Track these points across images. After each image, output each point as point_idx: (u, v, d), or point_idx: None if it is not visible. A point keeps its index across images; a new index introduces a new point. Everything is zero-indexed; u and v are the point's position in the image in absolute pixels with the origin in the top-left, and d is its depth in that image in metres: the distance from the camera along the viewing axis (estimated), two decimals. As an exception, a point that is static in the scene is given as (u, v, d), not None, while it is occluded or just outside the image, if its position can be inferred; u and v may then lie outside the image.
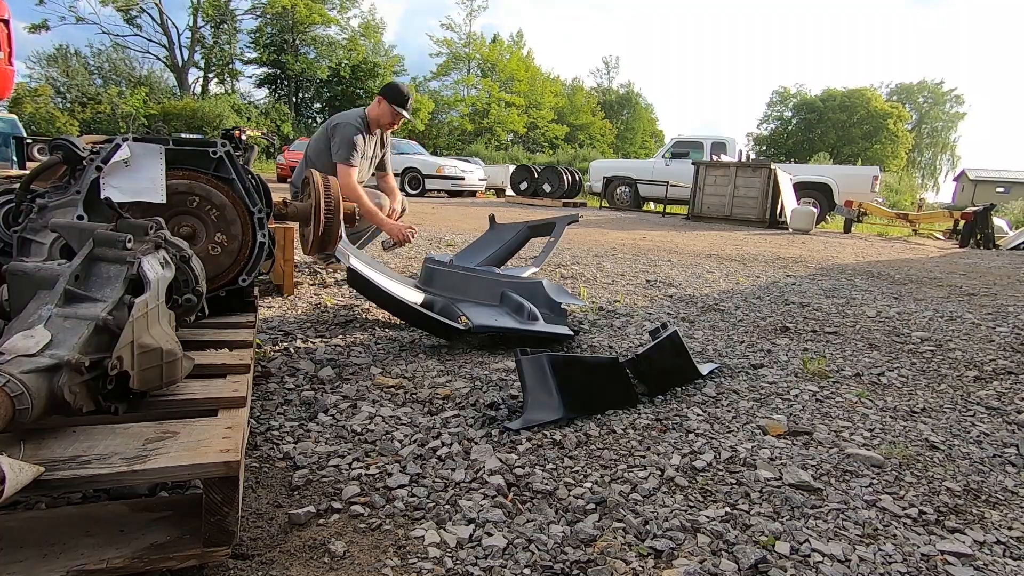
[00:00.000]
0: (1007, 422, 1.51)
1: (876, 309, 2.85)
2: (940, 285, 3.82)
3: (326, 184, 1.99)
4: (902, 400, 1.64)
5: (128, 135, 1.31)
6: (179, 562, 0.77)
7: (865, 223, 10.37)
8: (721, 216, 9.93)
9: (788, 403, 1.57)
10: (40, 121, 23.13)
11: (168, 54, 31.87)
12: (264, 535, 0.92)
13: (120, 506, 0.88)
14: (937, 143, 45.02)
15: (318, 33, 33.20)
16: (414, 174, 13.35)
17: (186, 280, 1.05)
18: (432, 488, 1.08)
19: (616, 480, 1.14)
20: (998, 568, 0.91)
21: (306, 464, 1.14)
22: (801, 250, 5.89)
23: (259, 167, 18.44)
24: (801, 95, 43.46)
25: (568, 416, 1.37)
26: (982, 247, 8.20)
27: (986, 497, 1.14)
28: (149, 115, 26.05)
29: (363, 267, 1.93)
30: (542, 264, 3.12)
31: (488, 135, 34.80)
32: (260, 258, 1.50)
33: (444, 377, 1.65)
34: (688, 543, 0.94)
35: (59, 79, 27.34)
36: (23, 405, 0.70)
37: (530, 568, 0.87)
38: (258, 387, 1.51)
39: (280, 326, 2.08)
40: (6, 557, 0.73)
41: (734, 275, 3.91)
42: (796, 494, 1.10)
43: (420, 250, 4.19)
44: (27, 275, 0.89)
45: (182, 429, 0.86)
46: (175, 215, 1.39)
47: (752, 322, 2.50)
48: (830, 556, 0.92)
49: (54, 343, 0.78)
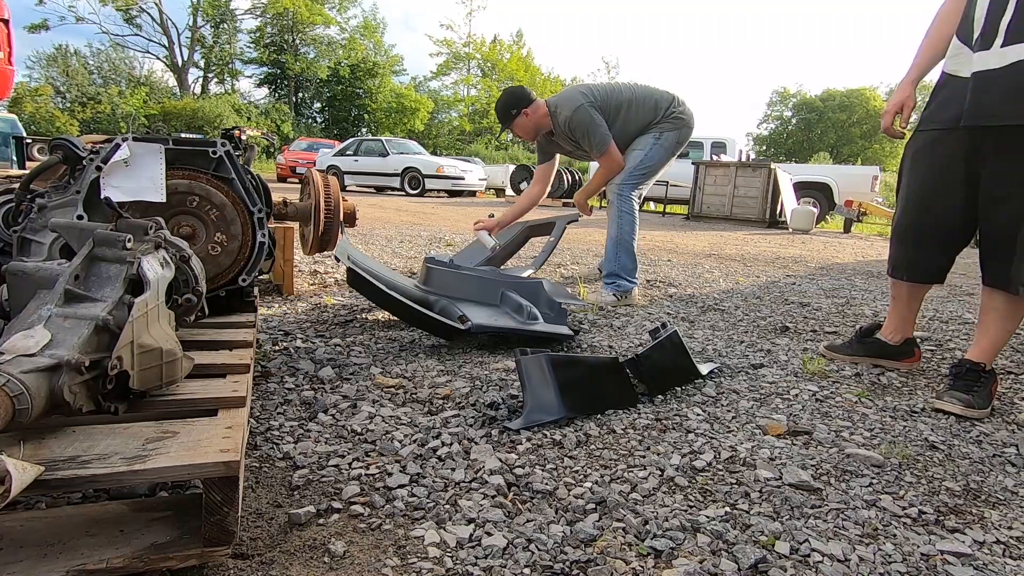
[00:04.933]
0: (1007, 422, 1.51)
1: (876, 309, 2.85)
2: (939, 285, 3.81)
3: (326, 184, 1.99)
4: (902, 400, 1.64)
5: (128, 135, 1.31)
6: (179, 562, 0.77)
7: (865, 223, 10.37)
8: (721, 216, 9.93)
9: (788, 403, 1.57)
10: (40, 121, 23.15)
11: (168, 54, 31.92)
12: (264, 535, 0.92)
13: (120, 506, 0.88)
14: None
15: (318, 33, 33.22)
16: (414, 174, 13.36)
17: (186, 280, 1.05)
18: (432, 488, 1.08)
19: (616, 480, 1.14)
20: (998, 568, 0.91)
21: (306, 464, 1.14)
22: (801, 250, 5.89)
23: (259, 167, 18.44)
24: (801, 95, 43.46)
25: (568, 416, 1.37)
26: (982, 247, 8.18)
27: (986, 497, 1.14)
28: (149, 115, 26.07)
29: (363, 267, 1.93)
30: (542, 264, 3.12)
31: (488, 135, 34.81)
32: (260, 258, 1.50)
33: (444, 377, 1.65)
34: (688, 543, 0.94)
35: (59, 79, 27.35)
36: (23, 405, 0.70)
37: (530, 568, 0.87)
38: (258, 387, 1.51)
39: (280, 326, 2.08)
40: (6, 557, 0.73)
41: (734, 275, 3.91)
42: (796, 494, 1.10)
43: (420, 250, 4.19)
44: (27, 275, 0.89)
45: (182, 429, 0.86)
46: (175, 215, 1.39)
47: (752, 322, 2.50)
48: (830, 556, 0.92)
49: (54, 343, 0.78)
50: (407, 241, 4.73)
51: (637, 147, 2.79)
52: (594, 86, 2.83)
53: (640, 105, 2.79)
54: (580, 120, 2.70)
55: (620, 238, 2.74)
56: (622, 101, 2.78)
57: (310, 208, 1.94)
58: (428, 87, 37.51)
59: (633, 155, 2.79)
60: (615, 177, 2.80)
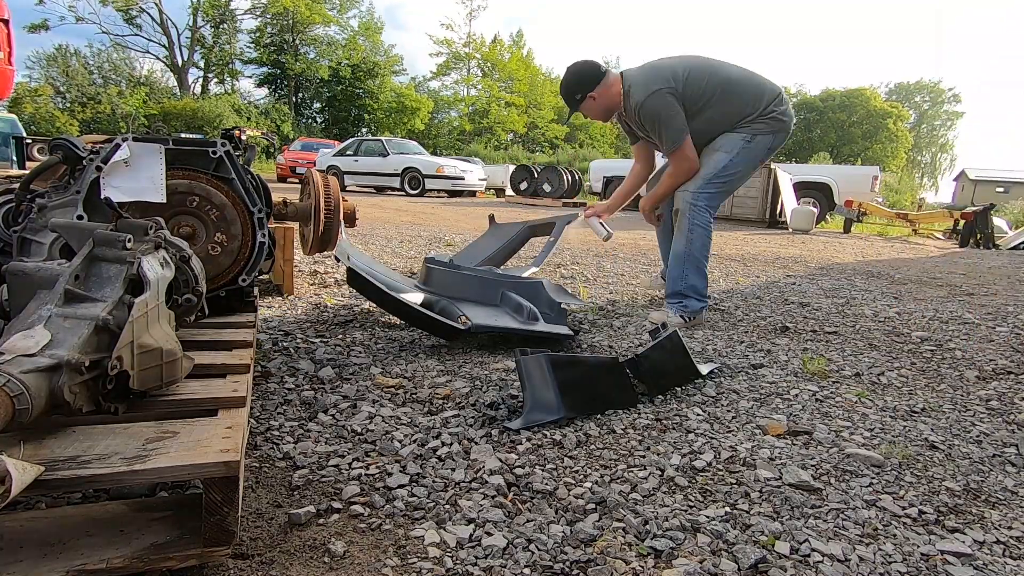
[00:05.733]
0: (1007, 422, 1.51)
1: (876, 309, 2.85)
2: (940, 285, 3.81)
3: (326, 184, 1.99)
4: (902, 400, 1.64)
5: (128, 135, 1.31)
6: (179, 562, 0.77)
7: (865, 223, 10.37)
8: (721, 216, 9.92)
9: (788, 403, 1.57)
10: (40, 121, 23.15)
11: (168, 54, 31.91)
12: (264, 535, 0.92)
13: (120, 506, 0.88)
14: (935, 142, 45.06)
15: (318, 33, 33.23)
16: (414, 174, 13.36)
17: (186, 280, 1.05)
18: (432, 488, 1.08)
19: (616, 480, 1.14)
20: (998, 568, 0.91)
21: (306, 464, 1.14)
22: (801, 250, 5.89)
23: (259, 167, 18.44)
24: (801, 95, 43.47)
25: (568, 416, 1.37)
26: (982, 247, 8.19)
27: (986, 497, 1.14)
28: (149, 115, 26.07)
29: (363, 267, 1.93)
30: (542, 264, 3.12)
31: (488, 135, 34.81)
32: (260, 258, 1.50)
33: (444, 377, 1.65)
34: (688, 543, 0.94)
35: (59, 79, 27.35)
36: (23, 405, 0.70)
37: (530, 568, 0.87)
38: (258, 387, 1.51)
39: (280, 326, 2.08)
40: (6, 557, 0.73)
41: (734, 275, 3.91)
42: (796, 494, 1.10)
43: (420, 250, 4.19)
44: (27, 275, 0.89)
45: (182, 429, 0.86)
46: (175, 215, 1.39)
47: (752, 322, 2.50)
48: (830, 556, 0.92)
49: (54, 343, 0.78)
50: (407, 241, 4.73)
51: (721, 148, 2.34)
52: (685, 62, 2.34)
53: (738, 94, 2.32)
54: (653, 108, 2.28)
55: (690, 255, 2.35)
56: (715, 87, 2.31)
57: (310, 208, 1.94)
58: (428, 87, 37.54)
59: (715, 157, 2.34)
60: (688, 183, 2.37)
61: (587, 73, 2.35)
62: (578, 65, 2.40)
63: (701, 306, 2.40)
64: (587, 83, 2.34)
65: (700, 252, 2.36)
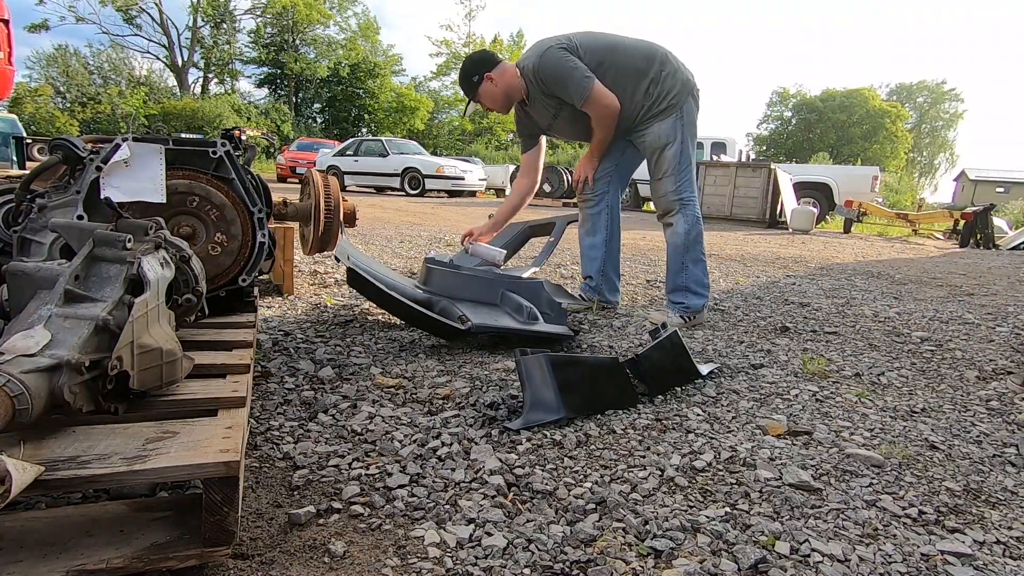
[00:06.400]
0: (1007, 422, 1.51)
1: (876, 309, 2.85)
2: (940, 285, 3.81)
3: (326, 184, 1.99)
4: (902, 400, 1.64)
5: (128, 135, 1.31)
6: (179, 562, 0.77)
7: (865, 223, 10.38)
8: (721, 216, 9.94)
9: (788, 403, 1.57)
10: (40, 121, 23.16)
11: (168, 54, 31.90)
12: (264, 535, 0.92)
13: (120, 506, 0.88)
14: (936, 142, 45.05)
15: (318, 33, 33.22)
16: (414, 174, 13.36)
17: (186, 280, 1.05)
18: (432, 488, 1.08)
19: (616, 480, 1.14)
20: (998, 568, 0.91)
21: (306, 464, 1.14)
22: (801, 250, 5.89)
23: (259, 167, 18.43)
24: (801, 95, 43.45)
25: (568, 416, 1.37)
26: (982, 247, 8.20)
27: (986, 497, 1.14)
28: (149, 115, 26.08)
29: (363, 267, 1.93)
30: (542, 264, 3.12)
31: (488, 135, 34.80)
32: (260, 258, 1.50)
33: (444, 377, 1.65)
34: (688, 543, 0.94)
35: (59, 79, 27.36)
36: (23, 405, 0.70)
37: (530, 568, 0.87)
38: (258, 387, 1.51)
39: (280, 326, 2.08)
40: (6, 557, 0.73)
41: (734, 275, 3.91)
42: (796, 494, 1.10)
43: (420, 250, 4.19)
44: (27, 275, 0.89)
45: (182, 429, 0.86)
46: (175, 215, 1.39)
47: (752, 322, 2.50)
48: (830, 556, 0.92)
49: (54, 343, 0.78)
50: (407, 241, 4.73)
51: (664, 140, 2.33)
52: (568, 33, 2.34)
53: (627, 52, 2.30)
54: (550, 64, 2.22)
55: (687, 246, 2.36)
56: (603, 46, 2.28)
57: (310, 208, 1.94)
58: (428, 87, 37.51)
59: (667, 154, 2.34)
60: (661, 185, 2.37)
61: (484, 58, 2.37)
62: (474, 53, 2.45)
63: (703, 302, 2.42)
64: (484, 65, 2.32)
65: (696, 241, 2.39)
